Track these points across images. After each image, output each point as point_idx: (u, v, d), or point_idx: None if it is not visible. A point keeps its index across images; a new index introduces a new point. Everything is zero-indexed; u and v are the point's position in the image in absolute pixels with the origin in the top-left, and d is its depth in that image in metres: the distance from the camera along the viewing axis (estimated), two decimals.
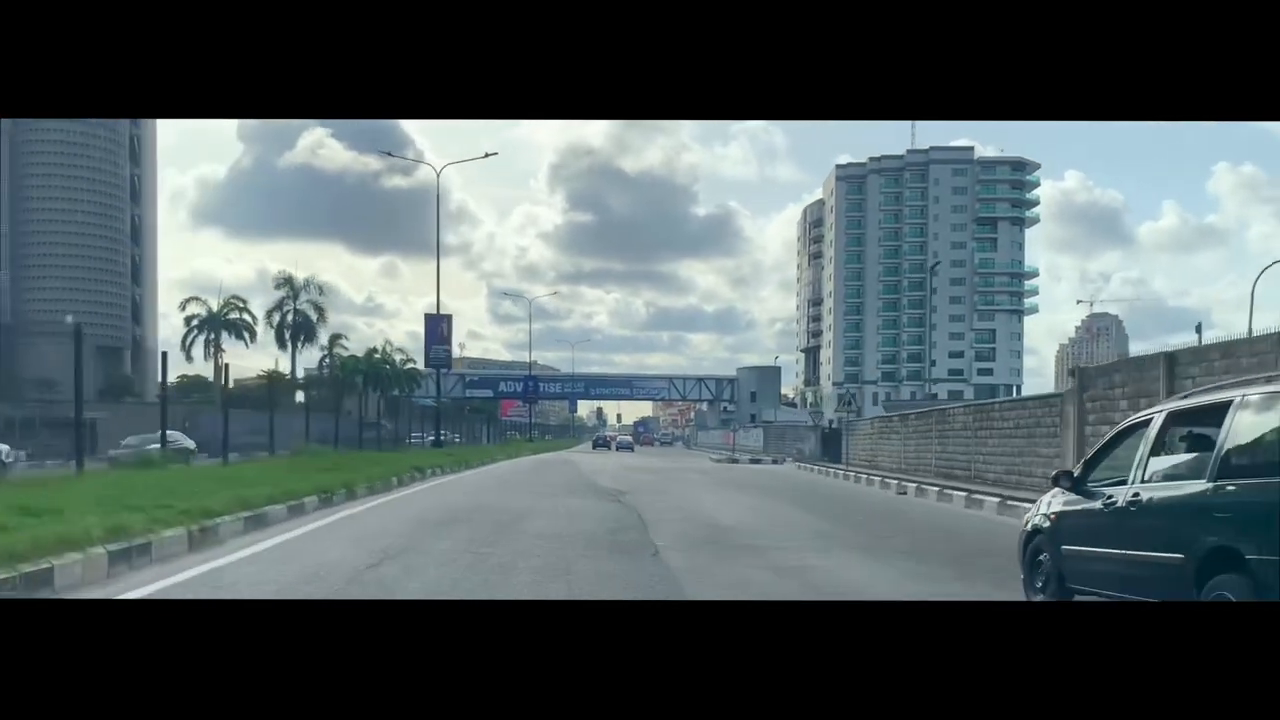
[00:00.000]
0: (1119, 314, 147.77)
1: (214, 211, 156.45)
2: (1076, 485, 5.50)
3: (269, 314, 55.37)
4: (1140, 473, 4.87)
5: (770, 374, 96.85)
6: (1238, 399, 4.26)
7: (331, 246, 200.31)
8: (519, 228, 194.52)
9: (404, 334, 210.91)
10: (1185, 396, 5.38)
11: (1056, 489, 5.68)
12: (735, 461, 40.71)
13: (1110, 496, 5.06)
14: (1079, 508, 5.41)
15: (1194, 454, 4.67)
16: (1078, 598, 5.22)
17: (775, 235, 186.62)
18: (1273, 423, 4.00)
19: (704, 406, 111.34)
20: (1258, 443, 4.07)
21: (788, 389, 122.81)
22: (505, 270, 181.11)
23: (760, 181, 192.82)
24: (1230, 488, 4.09)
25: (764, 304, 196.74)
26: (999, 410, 20.78)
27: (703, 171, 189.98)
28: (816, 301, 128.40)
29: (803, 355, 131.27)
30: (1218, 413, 4.37)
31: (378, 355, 72.25)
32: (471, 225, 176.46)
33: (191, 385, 43.37)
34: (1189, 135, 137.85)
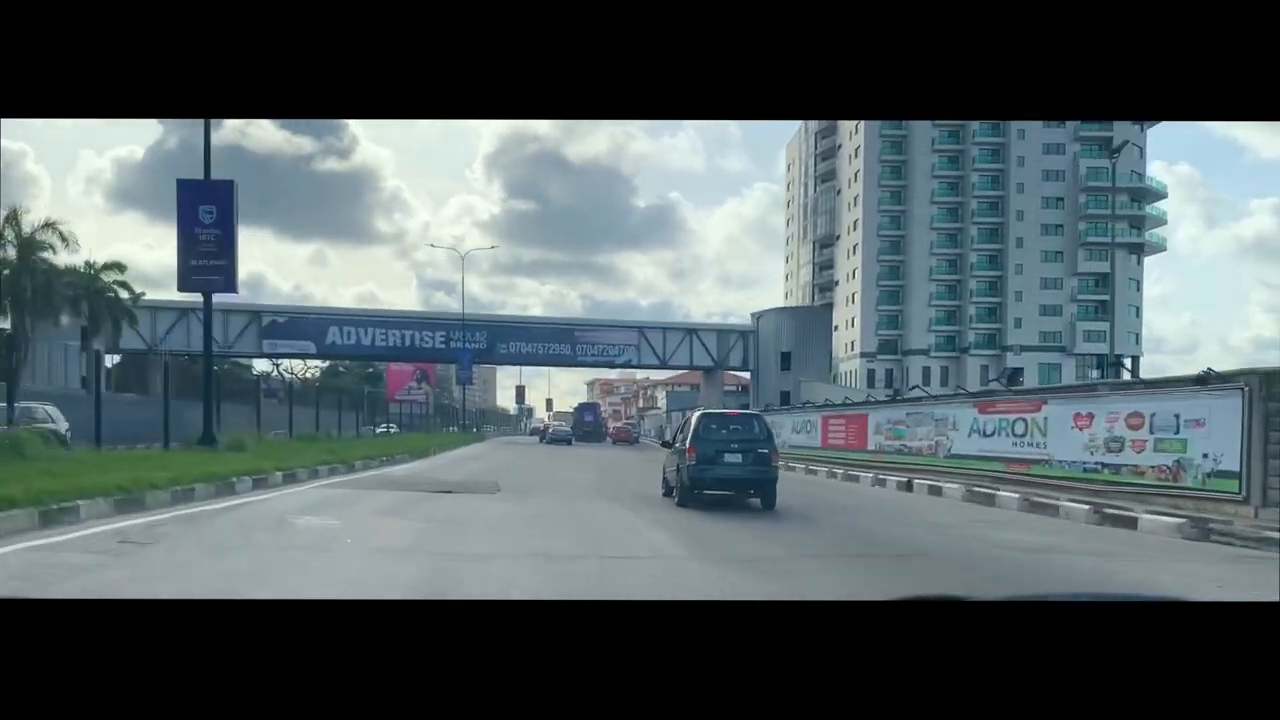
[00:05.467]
0: None
1: (135, 195, 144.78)
2: (670, 445, 14.99)
3: None
4: (677, 438, 14.19)
5: (813, 319, 57.32)
6: (696, 410, 15.61)
7: (258, 232, 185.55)
8: (455, 217, 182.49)
9: None
10: (692, 410, 17.61)
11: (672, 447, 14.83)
12: None
13: (672, 448, 14.33)
14: (669, 452, 14.68)
15: (681, 432, 13.93)
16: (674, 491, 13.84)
17: (717, 228, 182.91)
18: (693, 422, 13.35)
19: (683, 387, 73.66)
20: (687, 428, 13.57)
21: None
22: (439, 260, 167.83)
23: (707, 173, 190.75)
24: (680, 444, 13.53)
25: (701, 298, 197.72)
26: None
27: (649, 162, 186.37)
28: (828, 243, 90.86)
29: None
30: (690, 417, 14.36)
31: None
32: (405, 214, 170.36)
33: None
34: (1129, 135, 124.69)
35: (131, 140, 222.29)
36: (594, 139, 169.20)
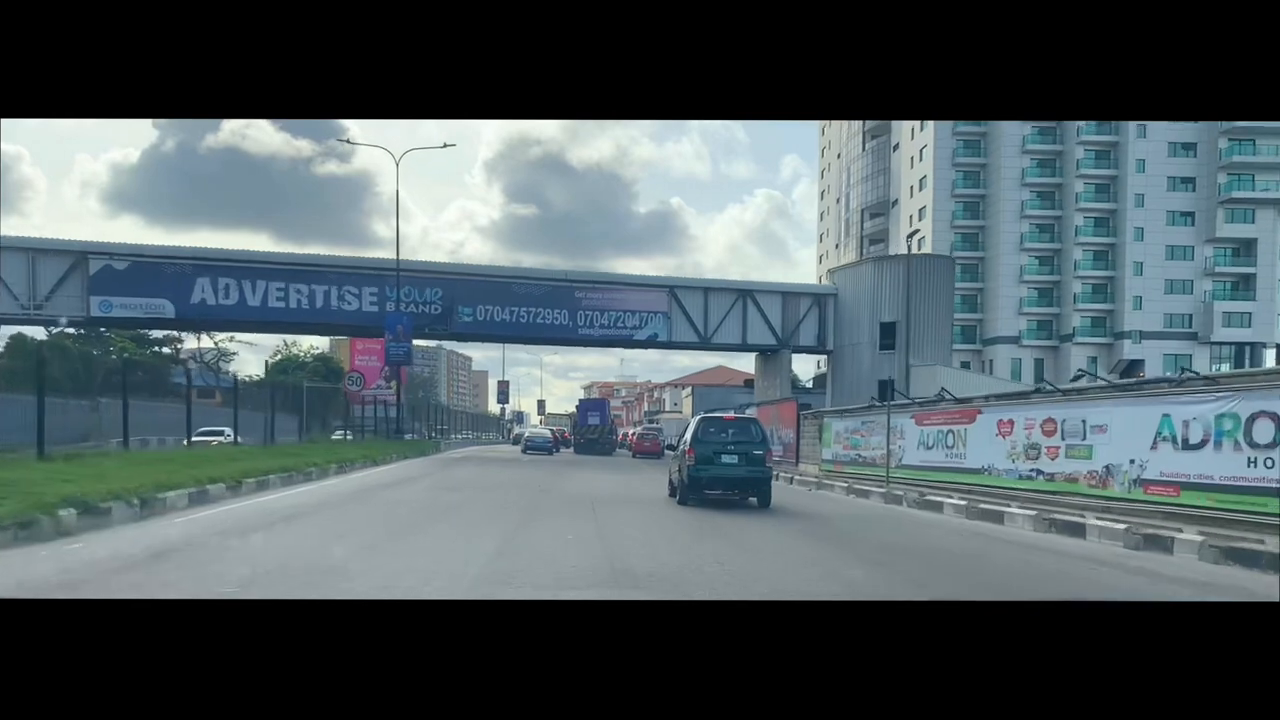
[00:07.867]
0: None
1: (132, 198, 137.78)
2: (675, 448, 18.39)
3: None
4: (680, 440, 16.61)
5: (930, 273, 38.92)
6: (697, 417, 16.39)
7: (256, 236, 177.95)
8: (455, 223, 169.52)
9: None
10: (697, 415, 17.35)
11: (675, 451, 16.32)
12: None
13: (675, 451, 18.53)
14: (672, 456, 19.70)
15: (683, 435, 16.46)
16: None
17: (718, 235, 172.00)
18: (693, 426, 15.53)
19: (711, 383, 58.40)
20: (687, 432, 15.91)
21: (809, 365, 68.80)
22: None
23: (710, 179, 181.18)
24: (681, 447, 16.00)
25: None
26: None
27: (652, 167, 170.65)
28: (880, 211, 74.67)
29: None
30: (691, 420, 17.41)
31: None
32: (405, 218, 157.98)
33: None
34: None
35: (128, 143, 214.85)
36: (597, 144, 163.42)
